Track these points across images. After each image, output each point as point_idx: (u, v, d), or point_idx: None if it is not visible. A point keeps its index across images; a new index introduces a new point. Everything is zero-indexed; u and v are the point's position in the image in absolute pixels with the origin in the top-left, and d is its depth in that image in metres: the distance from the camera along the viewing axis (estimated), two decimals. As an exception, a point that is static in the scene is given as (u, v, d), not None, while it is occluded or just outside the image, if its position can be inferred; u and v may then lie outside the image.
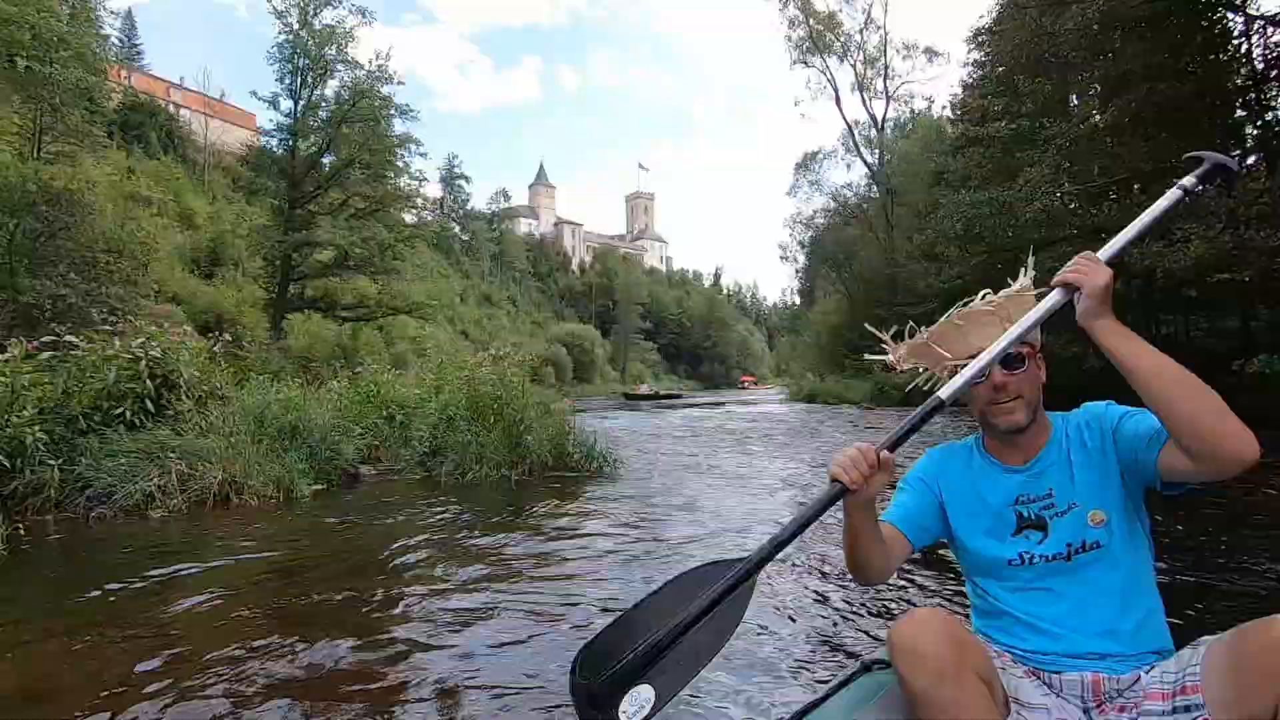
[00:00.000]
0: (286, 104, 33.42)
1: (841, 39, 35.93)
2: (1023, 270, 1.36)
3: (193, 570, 3.84)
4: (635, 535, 4.53)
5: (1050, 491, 1.35)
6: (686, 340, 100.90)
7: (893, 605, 3.06)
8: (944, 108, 32.49)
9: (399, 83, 33.56)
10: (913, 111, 38.73)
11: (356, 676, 2.37)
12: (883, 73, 37.00)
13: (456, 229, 79.13)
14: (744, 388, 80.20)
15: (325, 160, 33.72)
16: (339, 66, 33.32)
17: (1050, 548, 1.32)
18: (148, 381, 6.07)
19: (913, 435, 1.27)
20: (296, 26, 32.75)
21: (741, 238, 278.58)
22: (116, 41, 51.36)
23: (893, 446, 1.25)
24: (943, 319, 1.40)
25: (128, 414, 5.88)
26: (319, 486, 6.31)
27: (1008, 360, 1.33)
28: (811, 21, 35.78)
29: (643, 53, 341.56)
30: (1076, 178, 16.34)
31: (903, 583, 3.34)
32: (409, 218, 38.66)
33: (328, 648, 2.62)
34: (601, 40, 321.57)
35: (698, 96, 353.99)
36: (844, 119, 37.75)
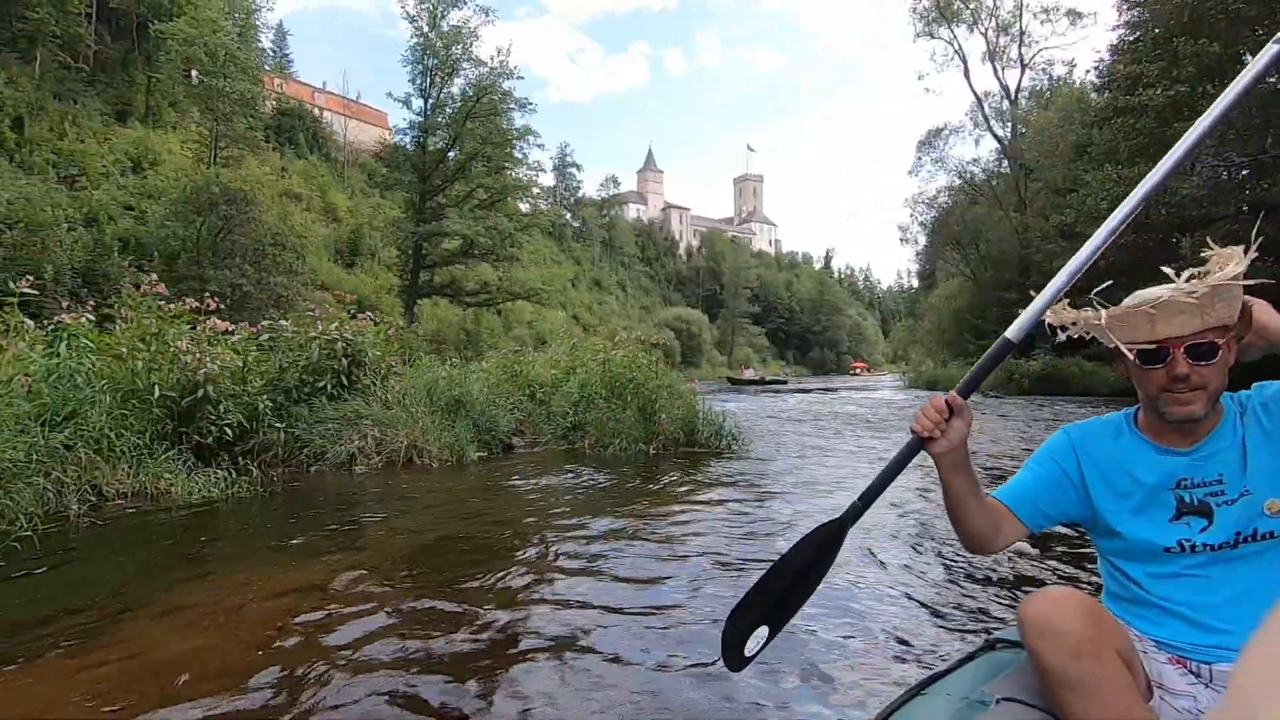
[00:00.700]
0: (418, 103, 35.50)
1: (971, 6, 33.80)
2: (1237, 257, 1.14)
3: (393, 513, 4.66)
4: (764, 503, 4.96)
5: (1220, 477, 1.24)
6: (795, 324, 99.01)
7: (1018, 585, 3.08)
8: (1087, 72, 29.89)
9: (518, 77, 34.88)
10: (1051, 79, 35.89)
11: (516, 606, 2.84)
12: (1018, 39, 34.50)
13: (568, 216, 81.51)
14: (855, 374, 77.81)
15: (450, 155, 35.58)
16: (464, 65, 35.06)
17: (1215, 536, 1.22)
18: (342, 359, 7.08)
19: (986, 378, 1.24)
20: (426, 29, 34.70)
21: (854, 218, 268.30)
22: (270, 52, 56.71)
23: (966, 391, 1.25)
24: (1129, 298, 1.24)
25: (328, 387, 6.90)
26: (482, 454, 7.13)
27: (1197, 350, 1.19)
28: (938, -11, 33.92)
29: (749, 31, 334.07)
30: (1246, 147, 14.81)
31: (1029, 563, 3.37)
32: (524, 207, 40.44)
33: (495, 580, 3.15)
34: (708, 20, 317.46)
35: (807, 72, 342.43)
36: (973, 91, 35.65)
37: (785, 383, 47.20)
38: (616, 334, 9.56)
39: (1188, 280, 1.17)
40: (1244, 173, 16.06)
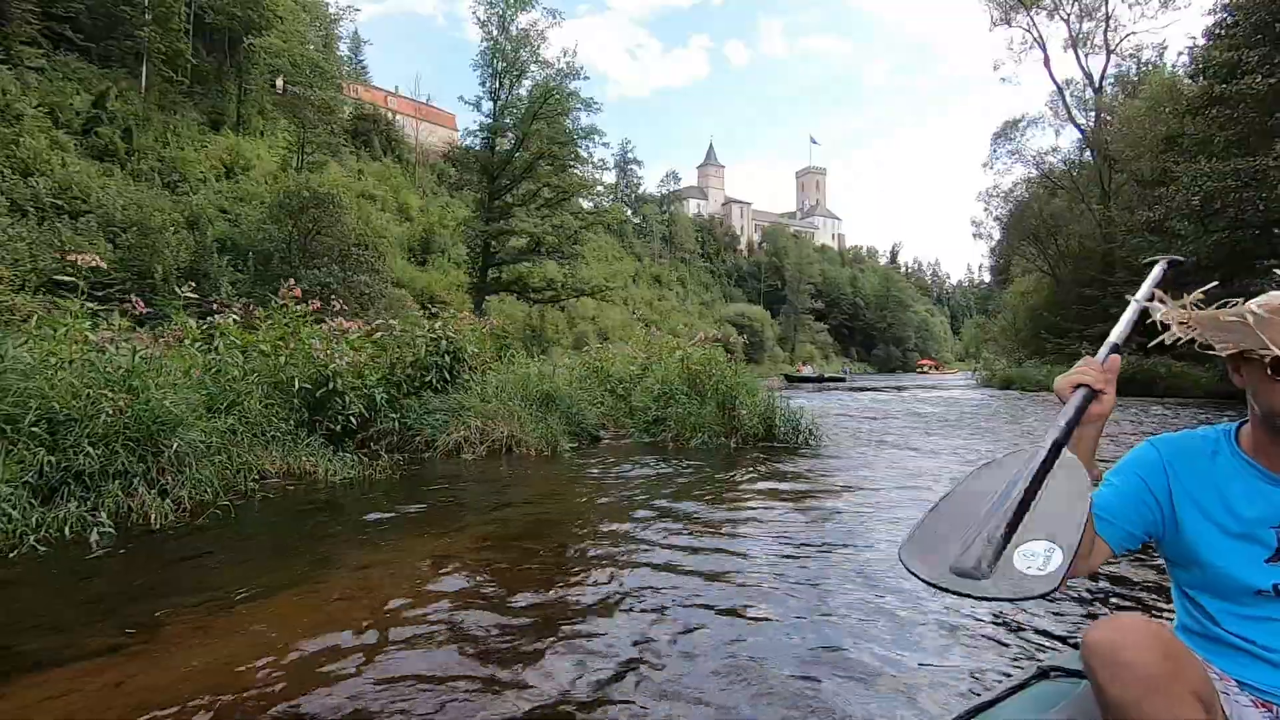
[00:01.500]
0: (487, 105, 36.54)
1: (1053, -9, 32.52)
2: None
3: (501, 496, 5.20)
4: (847, 496, 5.22)
5: None
6: (860, 321, 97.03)
7: (1079, 609, 2.88)
8: (1180, 54, 28.36)
9: (584, 77, 35.49)
10: (1139, 64, 34.14)
11: (610, 581, 3.16)
12: (1103, 24, 32.97)
13: (629, 212, 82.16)
14: (923, 372, 75.79)
15: (517, 155, 36.48)
16: (531, 67, 35.91)
17: None
18: (445, 356, 7.66)
19: (1123, 343, 1.17)
20: (496, 33, 35.65)
21: (922, 211, 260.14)
22: (348, 59, 59.22)
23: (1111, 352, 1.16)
24: (1266, 296, 1.09)
25: (434, 381, 7.49)
26: (573, 445, 7.60)
27: None
28: (1016, -25, 32.76)
29: (813, 20, 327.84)
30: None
31: (1092, 586, 3.16)
32: (587, 204, 41.16)
33: (593, 557, 3.55)
34: (771, 10, 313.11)
35: (873, 62, 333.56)
36: (1053, 80, 34.34)
37: (844, 380, 46.39)
38: (696, 332, 9.90)
39: None
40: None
